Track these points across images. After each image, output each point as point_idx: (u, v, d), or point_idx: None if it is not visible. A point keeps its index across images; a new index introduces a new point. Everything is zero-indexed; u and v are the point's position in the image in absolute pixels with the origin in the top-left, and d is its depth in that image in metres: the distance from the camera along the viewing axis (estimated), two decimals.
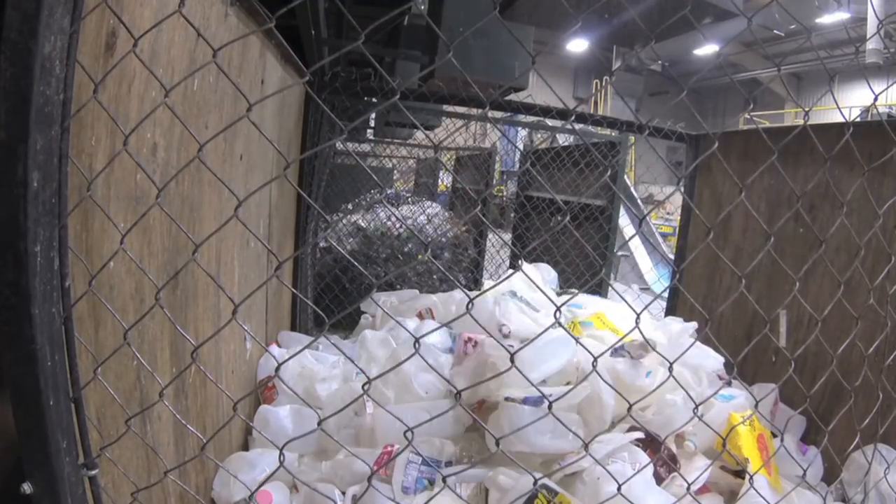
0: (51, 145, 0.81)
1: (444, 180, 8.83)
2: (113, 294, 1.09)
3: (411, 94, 3.33)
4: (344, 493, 1.73)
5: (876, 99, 1.44)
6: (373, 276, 4.60)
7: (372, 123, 6.85)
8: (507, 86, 3.79)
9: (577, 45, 18.16)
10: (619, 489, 1.21)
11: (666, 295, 3.61)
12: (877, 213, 1.57)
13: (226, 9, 1.57)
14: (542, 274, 3.16)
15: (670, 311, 3.52)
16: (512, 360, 1.14)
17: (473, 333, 2.27)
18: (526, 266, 3.11)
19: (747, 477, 1.51)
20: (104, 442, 1.03)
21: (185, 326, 1.46)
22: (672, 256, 5.40)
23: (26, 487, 0.87)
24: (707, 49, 16.68)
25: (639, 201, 10.38)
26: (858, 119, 2.25)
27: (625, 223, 7.38)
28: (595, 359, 1.17)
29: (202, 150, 0.97)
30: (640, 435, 1.82)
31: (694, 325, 2.76)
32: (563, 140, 7.28)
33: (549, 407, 1.13)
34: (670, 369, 1.28)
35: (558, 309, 1.13)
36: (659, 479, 1.80)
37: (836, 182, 2.27)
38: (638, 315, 1.18)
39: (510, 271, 3.66)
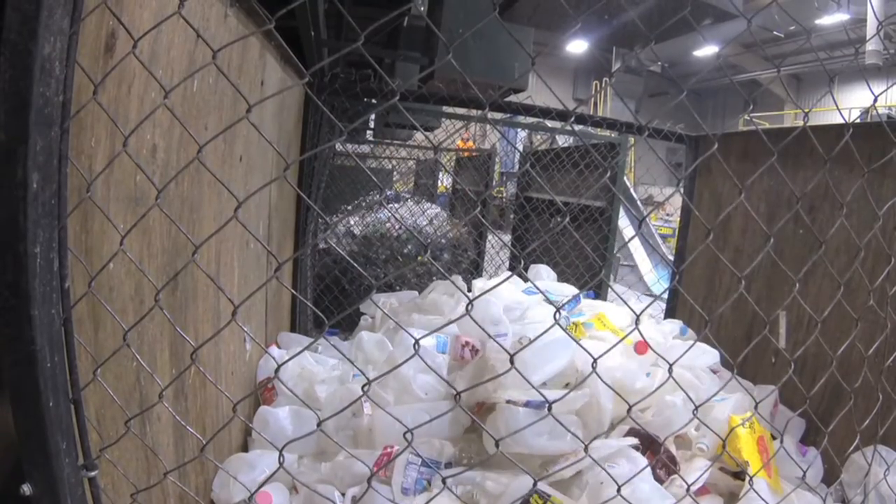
0: (50, 146, 0.81)
1: (444, 181, 8.83)
2: (112, 295, 1.09)
3: (411, 96, 3.33)
4: (343, 495, 1.73)
5: (875, 100, 1.44)
6: (372, 277, 4.60)
7: (371, 125, 6.86)
8: (507, 87, 3.79)
9: (577, 47, 18.16)
10: (618, 491, 1.21)
11: (666, 296, 3.62)
12: (876, 214, 1.57)
13: (225, 10, 1.57)
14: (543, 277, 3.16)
15: (670, 312, 3.53)
16: (512, 362, 1.14)
17: (469, 336, 2.25)
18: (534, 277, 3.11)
19: (747, 479, 1.51)
20: (104, 443, 1.03)
21: (185, 328, 1.46)
22: (672, 258, 5.40)
23: (26, 489, 0.87)
24: (707, 50, 16.69)
25: (638, 203, 10.39)
26: (858, 120, 2.25)
27: (624, 224, 7.39)
28: (594, 360, 1.17)
29: (202, 152, 0.97)
30: (635, 441, 1.82)
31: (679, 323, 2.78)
32: (562, 141, 7.29)
33: (549, 408, 1.13)
34: (670, 370, 1.28)
35: (558, 310, 1.13)
36: (658, 481, 1.80)
37: (836, 183, 2.27)
38: (637, 316, 1.18)
39: (508, 273, 3.66)
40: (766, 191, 2.77)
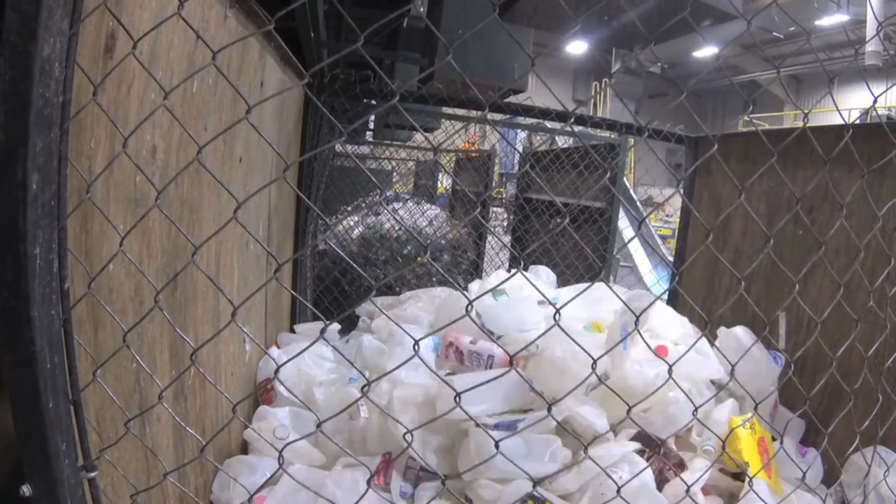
0: (50, 147, 0.81)
1: (444, 182, 8.82)
2: (112, 296, 1.09)
3: (410, 97, 3.33)
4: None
5: (875, 101, 1.44)
6: (372, 278, 4.60)
7: (371, 126, 6.85)
8: (507, 88, 3.79)
9: (577, 48, 18.16)
10: (618, 491, 1.21)
11: (665, 297, 3.61)
12: (876, 215, 1.57)
13: (225, 11, 1.57)
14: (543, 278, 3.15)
15: None
16: (512, 363, 1.14)
17: (455, 337, 2.22)
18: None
19: (747, 480, 1.51)
20: (103, 444, 1.03)
21: (185, 328, 1.46)
22: (671, 258, 5.40)
23: (26, 489, 0.87)
24: (706, 51, 16.69)
25: (638, 203, 10.39)
26: (858, 121, 2.25)
27: (624, 225, 7.38)
28: (594, 361, 1.17)
29: (201, 153, 0.98)
30: (637, 445, 1.81)
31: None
32: (562, 142, 7.29)
33: (550, 409, 1.13)
34: (670, 371, 1.28)
35: (558, 311, 1.13)
36: (665, 482, 1.79)
37: (836, 184, 2.27)
38: (637, 317, 1.18)
39: (507, 271, 3.65)
40: (765, 192, 2.77)
